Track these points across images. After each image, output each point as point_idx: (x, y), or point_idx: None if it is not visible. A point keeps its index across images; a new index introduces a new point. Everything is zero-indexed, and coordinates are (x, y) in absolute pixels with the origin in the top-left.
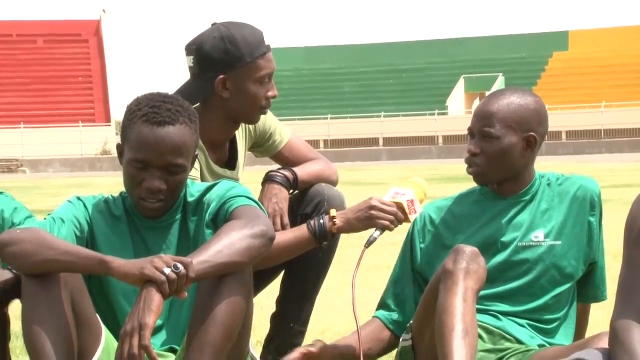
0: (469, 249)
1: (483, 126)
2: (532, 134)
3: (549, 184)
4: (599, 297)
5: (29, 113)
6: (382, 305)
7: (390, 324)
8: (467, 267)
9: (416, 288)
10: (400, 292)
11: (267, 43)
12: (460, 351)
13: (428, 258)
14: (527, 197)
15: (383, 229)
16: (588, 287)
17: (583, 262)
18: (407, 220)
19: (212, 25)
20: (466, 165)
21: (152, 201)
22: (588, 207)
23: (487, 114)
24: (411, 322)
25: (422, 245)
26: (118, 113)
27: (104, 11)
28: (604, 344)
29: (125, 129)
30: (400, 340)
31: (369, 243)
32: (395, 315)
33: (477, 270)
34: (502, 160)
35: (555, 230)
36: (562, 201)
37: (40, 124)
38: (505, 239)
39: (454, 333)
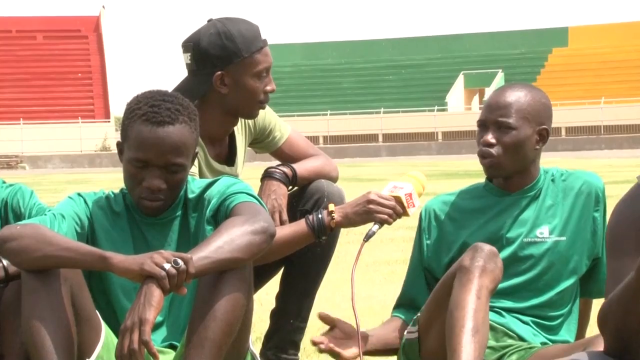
0: (487, 248)
1: (499, 116)
2: (545, 127)
3: (552, 180)
4: (603, 292)
5: (29, 109)
6: (399, 305)
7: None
8: (484, 265)
9: (426, 284)
10: (414, 290)
11: (263, 37)
12: (468, 348)
13: (434, 253)
14: (532, 193)
15: (381, 222)
16: (592, 282)
17: (587, 258)
18: (405, 213)
19: (208, 21)
20: (465, 162)
21: (152, 200)
22: (592, 202)
23: (504, 104)
24: (417, 315)
25: (429, 241)
26: (117, 109)
27: (103, 7)
28: None
29: (125, 127)
30: (405, 332)
31: (368, 237)
32: (412, 314)
33: (494, 270)
34: (517, 151)
35: (560, 226)
36: (566, 197)
37: (40, 120)
38: (510, 234)
39: (464, 329)
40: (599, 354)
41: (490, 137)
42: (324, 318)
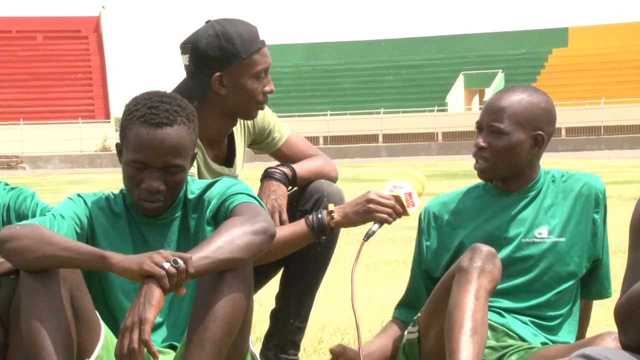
0: (486, 249)
1: (492, 120)
2: (540, 132)
3: (553, 180)
4: (604, 294)
5: (29, 109)
6: (401, 304)
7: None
8: (483, 265)
9: (426, 285)
10: (416, 290)
11: (261, 38)
12: (467, 348)
13: (433, 254)
14: (531, 193)
15: (381, 222)
16: (592, 284)
17: (586, 259)
18: (405, 213)
19: (206, 22)
20: (465, 162)
21: (151, 201)
22: (592, 204)
23: (498, 108)
24: (418, 315)
25: (428, 243)
26: (117, 109)
27: (103, 7)
28: (607, 343)
29: (124, 129)
30: (405, 332)
31: (368, 236)
32: (413, 314)
33: (492, 270)
34: (508, 157)
35: (559, 227)
36: (566, 197)
37: (40, 121)
38: (508, 234)
39: (463, 330)
40: (616, 350)
41: (482, 141)
42: (335, 352)
